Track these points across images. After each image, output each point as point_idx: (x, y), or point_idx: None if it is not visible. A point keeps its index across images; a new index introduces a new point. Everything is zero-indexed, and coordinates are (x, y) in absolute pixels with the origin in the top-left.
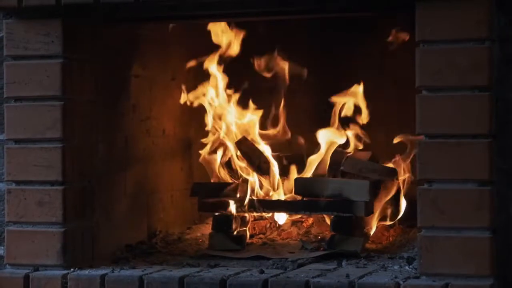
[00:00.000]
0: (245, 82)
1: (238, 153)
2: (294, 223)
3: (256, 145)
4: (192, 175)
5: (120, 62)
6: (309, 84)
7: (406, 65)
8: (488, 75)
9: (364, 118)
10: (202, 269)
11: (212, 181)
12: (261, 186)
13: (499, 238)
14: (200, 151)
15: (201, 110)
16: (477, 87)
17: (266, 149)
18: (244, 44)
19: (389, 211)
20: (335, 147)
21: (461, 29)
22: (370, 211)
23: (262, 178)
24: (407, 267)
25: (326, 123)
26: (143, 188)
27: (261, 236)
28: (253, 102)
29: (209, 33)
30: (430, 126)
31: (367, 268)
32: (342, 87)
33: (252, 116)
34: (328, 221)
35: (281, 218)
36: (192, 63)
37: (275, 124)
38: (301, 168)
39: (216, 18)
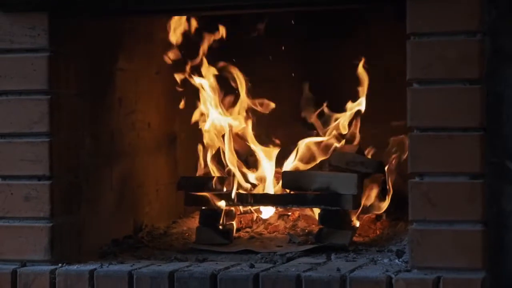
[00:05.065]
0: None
1: (226, 146)
2: (280, 216)
3: (244, 139)
4: (177, 169)
5: (106, 56)
6: (295, 76)
7: (393, 58)
8: (479, 68)
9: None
10: (191, 263)
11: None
12: (248, 180)
13: (490, 231)
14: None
15: (186, 103)
16: (468, 80)
17: (253, 143)
18: (230, 36)
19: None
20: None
21: (452, 21)
22: (358, 205)
23: (249, 171)
24: (396, 261)
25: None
26: (129, 182)
27: (248, 229)
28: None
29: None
30: (421, 119)
31: (356, 261)
32: (328, 80)
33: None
34: (314, 215)
35: (267, 212)
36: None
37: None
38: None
39: (204, 11)
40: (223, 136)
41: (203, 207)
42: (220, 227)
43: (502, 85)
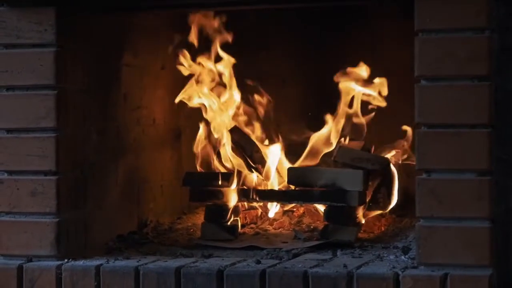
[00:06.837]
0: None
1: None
2: (285, 212)
3: (248, 134)
4: (181, 164)
5: (111, 51)
6: (300, 73)
7: (397, 55)
8: (487, 64)
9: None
10: (197, 259)
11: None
12: (253, 176)
13: (498, 228)
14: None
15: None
16: (477, 77)
17: (258, 139)
18: (234, 33)
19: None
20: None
21: (460, 18)
22: (363, 201)
23: (254, 167)
24: (403, 257)
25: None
26: (134, 178)
27: (253, 225)
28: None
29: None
30: (429, 116)
31: (362, 258)
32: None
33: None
34: (319, 211)
35: (272, 209)
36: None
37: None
38: (293, 157)
39: (208, 7)
40: (229, 131)
41: (208, 203)
42: (226, 223)
43: (510, 82)
